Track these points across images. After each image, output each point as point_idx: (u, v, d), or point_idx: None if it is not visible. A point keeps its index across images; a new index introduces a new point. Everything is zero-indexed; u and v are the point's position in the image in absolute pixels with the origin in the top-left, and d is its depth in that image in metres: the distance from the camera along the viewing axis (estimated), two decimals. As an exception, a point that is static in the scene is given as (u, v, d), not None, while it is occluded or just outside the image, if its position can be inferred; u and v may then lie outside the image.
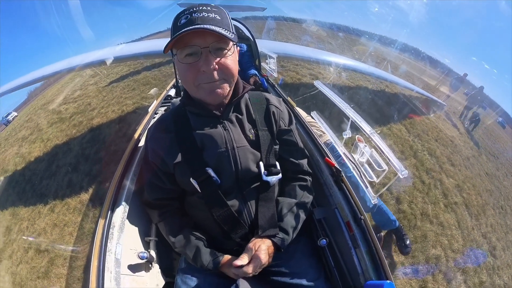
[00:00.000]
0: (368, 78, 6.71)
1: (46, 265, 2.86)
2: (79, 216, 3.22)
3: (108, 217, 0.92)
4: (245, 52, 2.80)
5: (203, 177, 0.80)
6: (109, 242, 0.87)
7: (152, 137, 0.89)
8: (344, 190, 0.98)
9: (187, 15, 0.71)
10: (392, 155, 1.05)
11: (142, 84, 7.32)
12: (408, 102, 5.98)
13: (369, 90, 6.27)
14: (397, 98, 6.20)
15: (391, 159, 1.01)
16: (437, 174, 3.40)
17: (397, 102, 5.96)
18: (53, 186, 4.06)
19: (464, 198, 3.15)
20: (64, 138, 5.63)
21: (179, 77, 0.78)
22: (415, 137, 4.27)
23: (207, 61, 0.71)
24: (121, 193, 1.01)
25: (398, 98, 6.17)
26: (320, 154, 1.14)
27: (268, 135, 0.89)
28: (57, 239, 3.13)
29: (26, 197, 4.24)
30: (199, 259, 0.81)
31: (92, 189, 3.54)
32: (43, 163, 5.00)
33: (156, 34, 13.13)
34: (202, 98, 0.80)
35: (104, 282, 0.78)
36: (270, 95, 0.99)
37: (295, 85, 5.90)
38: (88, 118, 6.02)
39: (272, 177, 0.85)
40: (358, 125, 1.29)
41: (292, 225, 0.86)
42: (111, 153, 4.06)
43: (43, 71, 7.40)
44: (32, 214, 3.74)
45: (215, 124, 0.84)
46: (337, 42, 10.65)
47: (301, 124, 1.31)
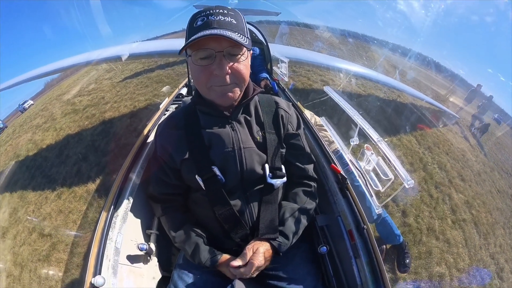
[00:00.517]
0: (379, 86, 6.62)
1: (48, 249, 2.94)
2: (84, 205, 3.30)
3: (113, 207, 0.94)
4: (257, 56, 2.82)
5: (208, 175, 0.81)
6: (110, 231, 0.89)
7: (162, 133, 0.91)
8: (349, 198, 0.96)
9: (204, 17, 0.72)
10: (398, 164, 1.03)
11: (155, 82, 7.45)
12: (420, 113, 5.87)
13: (379, 98, 6.18)
14: (409, 108, 6.09)
15: (398, 168, 0.99)
16: (446, 188, 3.29)
17: (409, 112, 5.85)
18: (62, 174, 4.18)
19: (473, 216, 3.03)
20: (76, 128, 5.80)
21: (191, 77, 0.80)
22: (426, 150, 4.16)
23: (220, 65, 0.72)
24: (127, 185, 1.03)
25: (410, 108, 6.07)
26: (327, 160, 1.13)
27: (275, 138, 0.89)
28: (61, 225, 3.20)
29: (35, 182, 4.39)
30: (197, 256, 0.82)
31: (99, 180, 3.62)
32: (54, 151, 5.17)
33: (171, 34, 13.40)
34: (213, 99, 0.81)
35: (102, 269, 0.79)
36: (280, 98, 1.00)
37: (306, 90, 5.88)
38: (101, 111, 6.17)
39: (277, 180, 0.85)
40: (365, 132, 1.27)
41: (292, 230, 0.85)
42: (121, 147, 4.13)
43: (61, 63, 7.65)
44: (39, 199, 3.86)
45: (224, 124, 0.85)
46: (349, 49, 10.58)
47: (309, 130, 1.30)
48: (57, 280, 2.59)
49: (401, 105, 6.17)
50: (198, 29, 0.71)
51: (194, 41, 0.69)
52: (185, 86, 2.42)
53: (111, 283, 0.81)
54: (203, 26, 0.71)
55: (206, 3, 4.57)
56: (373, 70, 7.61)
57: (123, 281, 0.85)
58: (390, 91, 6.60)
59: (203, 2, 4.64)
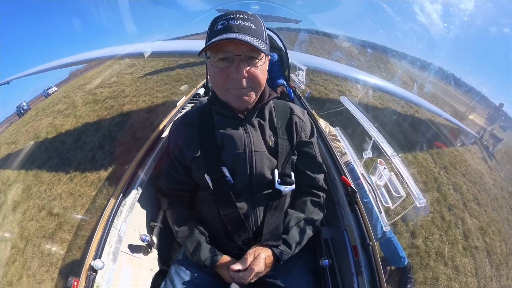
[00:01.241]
0: (397, 100, 6.46)
1: (54, 227, 3.06)
2: (94, 191, 3.39)
3: (121, 196, 0.96)
4: (275, 62, 2.83)
5: (218, 175, 0.82)
6: (116, 218, 0.91)
7: (176, 129, 0.92)
8: (357, 213, 0.94)
9: (224, 21, 0.73)
10: (411, 181, 1.00)
11: (174, 80, 7.62)
12: (437, 130, 5.66)
13: (396, 112, 6.01)
14: (426, 124, 5.89)
15: (410, 185, 0.97)
16: (460, 212, 3.12)
17: (426, 128, 5.65)
18: (77, 159, 4.35)
19: (487, 243, 2.86)
20: (95, 117, 6.02)
21: (210, 78, 0.81)
22: (441, 169, 3.98)
23: (238, 68, 0.74)
24: (138, 177, 1.05)
25: (427, 124, 5.87)
26: (338, 171, 1.11)
27: (287, 144, 0.89)
28: (70, 206, 3.32)
29: (51, 163, 4.60)
30: (197, 253, 0.82)
31: (111, 169, 3.72)
32: (72, 136, 5.38)
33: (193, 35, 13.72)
34: (229, 102, 0.82)
35: (103, 254, 0.81)
36: (295, 105, 0.99)
37: (322, 99, 5.82)
38: (120, 104, 6.37)
39: (285, 187, 0.84)
40: (380, 146, 1.24)
41: (296, 240, 0.84)
42: (135, 139, 4.24)
43: (87, 55, 8.00)
44: (53, 180, 4.02)
45: (237, 126, 0.85)
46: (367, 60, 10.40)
47: (323, 139, 1.28)
48: (58, 258, 2.67)
49: (418, 121, 5.97)
50: (218, 33, 0.72)
51: (213, 43, 0.71)
52: (203, 86, 2.46)
53: (110, 268, 0.82)
54: (223, 30, 0.72)
55: (228, 7, 4.66)
56: (391, 82, 7.44)
57: (121, 268, 0.87)
58: (407, 105, 6.41)
59: (226, 6, 4.72)
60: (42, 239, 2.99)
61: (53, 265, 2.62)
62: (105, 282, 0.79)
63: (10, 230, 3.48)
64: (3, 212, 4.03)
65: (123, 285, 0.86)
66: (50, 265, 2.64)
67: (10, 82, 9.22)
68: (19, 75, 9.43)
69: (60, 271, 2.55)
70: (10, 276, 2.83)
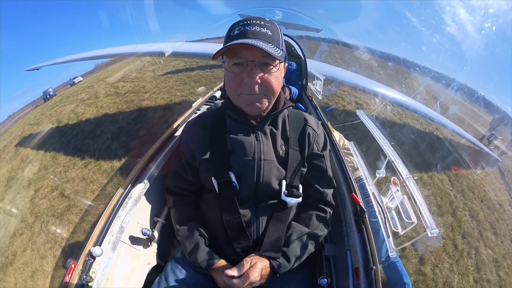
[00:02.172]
0: (416, 116, 6.23)
1: (63, 208, 3.20)
2: (105, 179, 3.50)
3: (128, 188, 0.98)
4: (293, 71, 2.81)
5: (224, 179, 0.81)
6: (121, 209, 0.93)
7: (188, 130, 0.93)
8: (363, 233, 0.90)
9: (241, 27, 0.74)
10: (424, 207, 0.96)
11: (194, 81, 7.79)
12: (457, 151, 5.40)
13: (414, 129, 5.80)
14: (445, 144, 5.65)
15: (423, 212, 0.92)
16: (474, 241, 2.93)
17: (445, 148, 5.40)
18: (93, 147, 4.51)
19: (500, 278, 2.66)
20: (114, 109, 6.25)
21: (225, 85, 0.81)
22: (458, 193, 3.74)
23: (251, 74, 0.73)
24: (147, 172, 1.07)
25: (447, 144, 5.62)
26: (348, 188, 1.07)
27: (298, 156, 0.87)
28: (81, 191, 3.45)
29: (69, 148, 4.82)
30: (195, 254, 0.82)
31: (124, 160, 3.83)
32: (91, 125, 5.63)
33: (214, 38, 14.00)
34: (241, 107, 0.81)
35: (103, 241, 0.83)
36: (310, 116, 0.97)
37: (338, 111, 5.74)
38: (140, 99, 6.59)
39: (292, 199, 0.83)
40: (394, 166, 1.20)
41: (296, 255, 0.81)
42: (150, 134, 4.34)
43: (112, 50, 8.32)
44: (68, 163, 4.23)
45: (249, 132, 0.85)
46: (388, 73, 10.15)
47: (336, 152, 1.24)
48: (63, 238, 2.78)
49: (437, 140, 5.74)
50: (234, 38, 0.73)
51: (227, 48, 0.71)
52: (220, 89, 2.46)
53: (108, 256, 0.84)
54: (239, 35, 0.72)
55: (251, 13, 4.71)
56: (412, 98, 7.21)
57: (119, 257, 0.88)
58: (427, 122, 6.19)
59: (249, 12, 4.77)
60: (51, 217, 3.14)
61: (57, 243, 2.74)
62: (101, 268, 0.80)
63: (22, 204, 3.68)
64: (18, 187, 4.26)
65: (118, 274, 0.87)
66: (54, 242, 2.76)
67: (39, 68, 9.73)
68: (49, 63, 9.95)
69: (62, 250, 2.65)
70: (15, 246, 2.98)
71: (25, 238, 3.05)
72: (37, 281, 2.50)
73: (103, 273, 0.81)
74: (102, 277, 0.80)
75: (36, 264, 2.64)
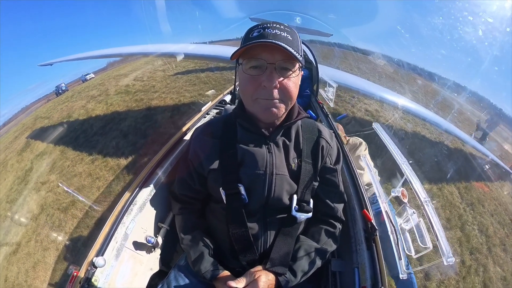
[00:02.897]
0: (427, 125, 6.12)
1: (69, 203, 3.25)
2: (112, 176, 3.53)
3: (134, 193, 0.97)
4: (305, 78, 2.78)
5: (233, 191, 0.79)
6: (125, 216, 0.92)
7: (197, 138, 0.90)
8: (373, 252, 0.86)
9: (260, 29, 0.71)
10: (442, 234, 0.92)
11: (203, 82, 7.83)
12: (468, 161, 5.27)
13: (424, 138, 5.66)
14: (456, 154, 5.52)
15: (440, 239, 0.89)
16: (483, 257, 2.80)
17: (456, 158, 5.28)
18: (101, 143, 4.58)
19: None
20: (124, 107, 6.34)
21: (239, 86, 0.77)
22: (468, 206, 3.61)
23: (270, 77, 0.70)
24: (153, 177, 1.06)
25: (457, 155, 5.49)
26: (359, 204, 1.02)
27: (310, 169, 0.84)
28: (86, 186, 3.50)
29: (78, 143, 4.91)
30: (199, 264, 0.80)
31: (131, 158, 3.85)
32: (101, 121, 5.72)
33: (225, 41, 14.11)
34: (256, 113, 0.78)
35: (107, 248, 0.83)
36: (323, 127, 0.94)
37: (348, 118, 5.66)
38: (149, 98, 6.66)
39: (302, 214, 0.80)
40: (412, 187, 1.16)
41: (303, 270, 0.78)
42: (158, 134, 4.37)
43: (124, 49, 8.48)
44: (76, 158, 4.32)
45: (261, 143, 0.81)
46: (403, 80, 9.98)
47: (348, 165, 1.20)
48: (66, 232, 2.83)
49: (448, 149, 5.62)
50: (253, 39, 0.70)
51: (247, 49, 0.69)
52: (230, 93, 2.42)
53: (111, 264, 0.83)
54: (259, 37, 0.69)
55: (261, 17, 4.70)
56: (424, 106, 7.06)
57: (122, 263, 0.88)
58: (437, 131, 6.07)
59: (260, 16, 4.76)
60: (56, 211, 3.19)
61: (60, 236, 2.81)
62: (103, 277, 0.80)
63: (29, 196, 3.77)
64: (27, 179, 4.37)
65: (120, 279, 0.86)
66: (57, 236, 2.82)
67: (52, 64, 9.95)
68: (62, 59, 10.19)
69: (65, 244, 2.70)
70: (20, 236, 3.07)
71: (30, 229, 3.14)
72: (39, 272, 2.54)
73: (105, 281, 0.81)
74: (104, 284, 0.80)
75: (38, 256, 2.70)
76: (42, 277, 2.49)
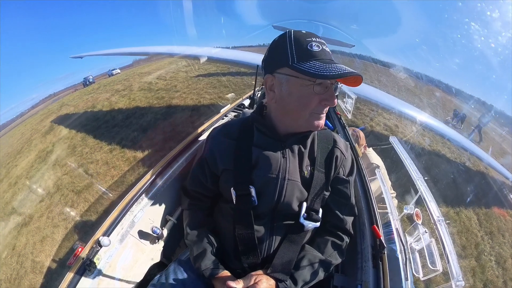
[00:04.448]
0: (448, 144, 5.87)
1: (83, 186, 3.41)
2: (127, 167, 3.65)
3: (146, 185, 1.00)
4: None
5: (243, 192, 0.79)
6: (135, 204, 0.94)
7: (214, 137, 0.91)
8: (379, 271, 0.84)
9: (318, 44, 0.70)
10: (453, 256, 0.89)
11: (223, 86, 7.98)
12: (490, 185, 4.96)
13: (445, 157, 5.33)
14: (478, 176, 5.22)
15: (451, 261, 0.86)
16: None
17: (478, 181, 4.96)
18: (121, 135, 4.76)
19: None
20: (146, 103, 6.60)
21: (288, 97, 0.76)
22: (486, 235, 3.46)
23: (333, 96, 0.73)
24: (167, 171, 1.08)
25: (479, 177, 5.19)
26: (370, 218, 1.00)
27: (323, 178, 0.83)
28: (101, 173, 3.65)
29: (98, 132, 5.15)
30: (200, 261, 0.80)
31: (147, 152, 3.97)
32: (122, 114, 5.98)
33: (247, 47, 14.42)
34: (305, 125, 0.78)
35: (112, 233, 0.86)
36: (339, 137, 0.93)
37: (366, 132, 5.56)
38: (170, 97, 6.90)
39: (309, 223, 0.80)
40: (426, 205, 1.13)
41: (304, 279, 0.78)
42: (175, 132, 4.51)
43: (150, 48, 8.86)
44: (95, 146, 4.52)
45: (276, 148, 0.82)
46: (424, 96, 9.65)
47: (361, 178, 1.17)
48: (77, 214, 2.95)
49: (469, 171, 5.34)
50: (315, 54, 0.70)
51: (340, 77, 0.67)
52: (249, 98, 2.44)
53: (115, 247, 0.86)
54: (321, 53, 0.70)
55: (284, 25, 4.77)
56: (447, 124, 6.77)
57: (126, 248, 0.90)
58: (459, 151, 5.79)
59: (283, 24, 4.84)
60: (70, 193, 3.34)
61: (70, 217, 2.93)
62: (106, 257, 0.83)
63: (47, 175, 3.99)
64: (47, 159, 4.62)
65: (121, 263, 0.88)
66: (68, 215, 2.96)
67: (83, 57, 10.57)
68: (92, 53, 10.82)
69: (74, 224, 2.82)
70: (34, 210, 3.24)
71: (44, 205, 3.30)
72: (45, 246, 2.66)
73: (107, 261, 0.83)
74: (105, 264, 0.82)
75: (47, 231, 2.83)
76: (48, 252, 2.59)
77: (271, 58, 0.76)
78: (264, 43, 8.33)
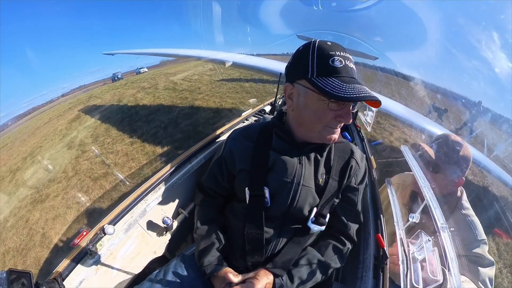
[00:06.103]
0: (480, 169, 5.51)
1: (101, 174, 3.54)
2: (145, 160, 3.75)
3: (166, 175, 1.02)
4: None
5: (258, 192, 0.81)
6: (151, 193, 0.95)
7: (234, 138, 0.94)
8: (379, 281, 0.82)
9: (341, 59, 0.69)
10: (455, 265, 0.88)
11: (245, 91, 8.14)
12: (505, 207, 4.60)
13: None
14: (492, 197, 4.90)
15: (452, 270, 0.86)
16: None
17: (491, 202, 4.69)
18: (142, 129, 4.93)
19: None
20: (169, 102, 6.85)
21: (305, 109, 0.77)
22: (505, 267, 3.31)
23: (349, 113, 0.73)
24: (186, 166, 1.11)
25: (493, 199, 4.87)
26: (375, 227, 0.99)
27: (336, 186, 0.85)
28: (120, 164, 3.76)
29: (121, 124, 5.38)
30: (204, 255, 0.81)
31: (166, 148, 4.07)
32: (146, 110, 6.22)
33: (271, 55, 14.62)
34: (318, 137, 0.79)
35: (121, 220, 0.87)
36: (356, 148, 0.93)
37: (384, 146, 5.43)
38: (193, 98, 7.12)
39: (316, 226, 0.81)
40: (431, 211, 1.13)
41: (301, 277, 0.78)
42: (196, 132, 4.60)
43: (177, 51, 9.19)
44: (117, 137, 4.70)
45: (293, 154, 0.83)
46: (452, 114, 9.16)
47: (372, 188, 1.17)
48: (91, 198, 3.05)
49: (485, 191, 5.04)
50: (337, 71, 0.68)
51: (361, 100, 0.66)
52: (270, 104, 2.44)
53: (119, 236, 0.86)
54: (344, 71, 0.68)
55: (309, 35, 4.79)
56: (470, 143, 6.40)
57: (130, 239, 0.90)
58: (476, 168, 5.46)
59: (307, 34, 4.86)
60: (87, 179, 3.48)
61: (84, 201, 3.04)
62: (108, 245, 0.83)
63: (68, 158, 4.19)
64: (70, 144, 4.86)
65: (123, 253, 0.89)
66: (82, 199, 3.08)
67: (114, 54, 11.20)
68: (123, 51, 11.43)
69: (87, 208, 2.90)
70: (50, 190, 3.40)
71: (60, 186, 3.47)
72: (56, 224, 2.76)
73: (109, 249, 0.83)
74: (107, 251, 0.83)
75: (60, 211, 2.94)
76: (58, 230, 2.69)
77: (293, 67, 0.77)
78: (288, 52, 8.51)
